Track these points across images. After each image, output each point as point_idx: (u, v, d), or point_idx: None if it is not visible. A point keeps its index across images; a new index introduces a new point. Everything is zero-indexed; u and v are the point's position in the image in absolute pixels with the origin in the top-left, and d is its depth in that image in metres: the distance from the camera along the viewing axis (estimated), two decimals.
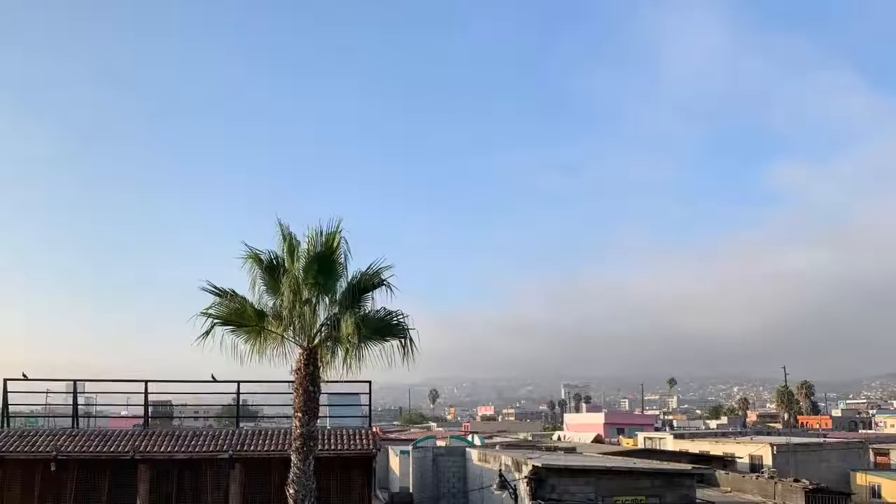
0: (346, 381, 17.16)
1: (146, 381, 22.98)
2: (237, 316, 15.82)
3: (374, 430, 23.74)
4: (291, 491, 15.43)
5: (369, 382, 22.39)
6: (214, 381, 23.00)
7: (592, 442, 60.56)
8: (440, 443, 40.54)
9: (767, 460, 44.65)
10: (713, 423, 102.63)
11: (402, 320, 16.05)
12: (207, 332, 15.58)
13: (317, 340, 15.75)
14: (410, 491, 33.42)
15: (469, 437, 50.68)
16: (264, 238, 16.37)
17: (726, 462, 45.86)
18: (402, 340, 15.96)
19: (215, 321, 15.74)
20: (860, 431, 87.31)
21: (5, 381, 22.30)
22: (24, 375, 22.42)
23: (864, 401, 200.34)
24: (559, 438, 70.01)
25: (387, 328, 15.98)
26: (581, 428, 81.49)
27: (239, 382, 22.75)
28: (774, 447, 45.72)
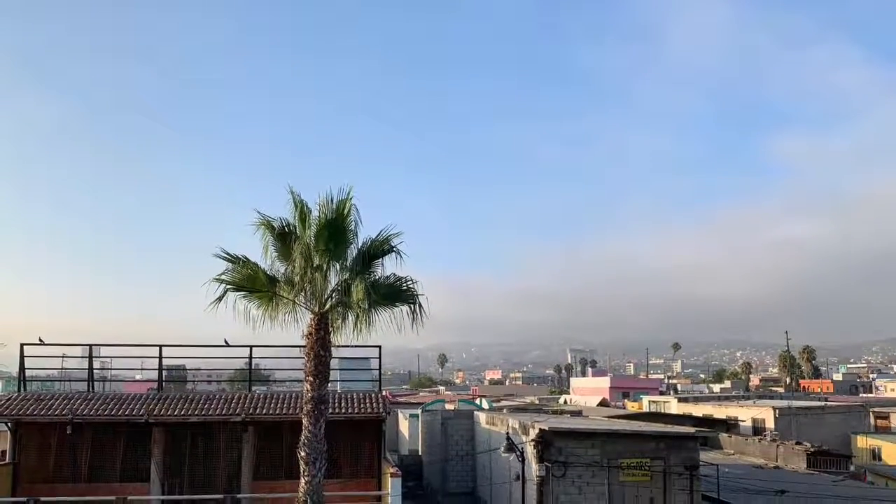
0: (356, 346, 17.21)
1: (160, 346, 23.11)
2: (249, 282, 15.88)
3: (383, 393, 23.98)
4: (303, 453, 15.56)
5: (379, 347, 22.47)
6: (227, 345, 23.15)
7: (598, 405, 61.23)
8: (449, 406, 41.06)
9: (770, 423, 45.18)
10: (716, 388, 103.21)
11: (411, 286, 16.06)
12: (220, 298, 15.69)
13: (328, 306, 15.79)
14: (420, 453, 33.99)
15: (477, 401, 51.41)
16: (266, 207, 16.36)
17: (729, 425, 46.46)
18: (412, 306, 15.97)
19: (228, 287, 15.84)
20: (861, 395, 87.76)
21: (22, 345, 22.46)
22: (40, 340, 22.62)
23: (865, 365, 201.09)
24: (565, 402, 70.61)
25: (396, 294, 15.99)
26: (587, 392, 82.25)
27: (251, 347, 22.83)
28: (777, 411, 46.21)
